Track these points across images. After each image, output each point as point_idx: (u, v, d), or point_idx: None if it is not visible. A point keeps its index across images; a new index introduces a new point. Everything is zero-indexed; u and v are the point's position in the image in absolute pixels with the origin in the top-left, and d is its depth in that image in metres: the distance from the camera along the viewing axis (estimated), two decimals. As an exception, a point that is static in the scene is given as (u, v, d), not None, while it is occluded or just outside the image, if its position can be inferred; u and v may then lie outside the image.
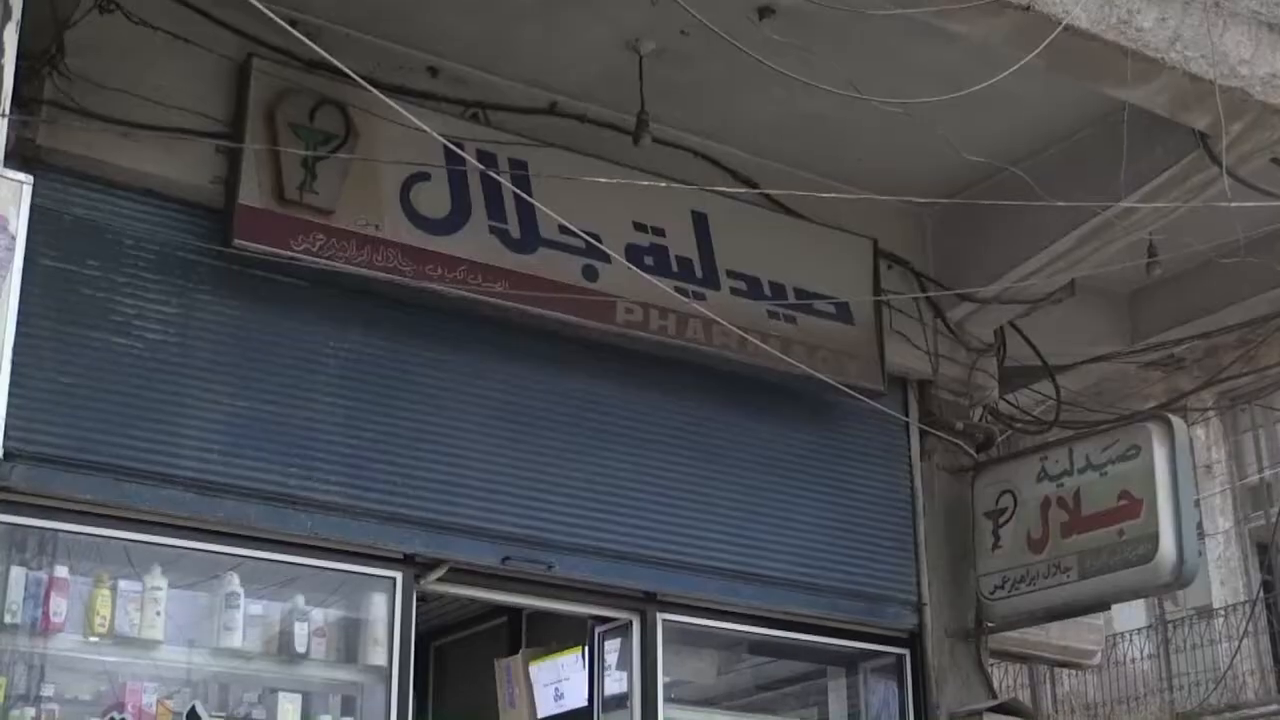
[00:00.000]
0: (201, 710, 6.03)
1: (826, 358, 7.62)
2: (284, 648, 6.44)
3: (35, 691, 5.88)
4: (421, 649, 7.35)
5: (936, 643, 7.99)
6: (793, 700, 8.99)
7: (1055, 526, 7.89)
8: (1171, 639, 17.70)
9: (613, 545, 7.09)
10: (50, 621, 5.89)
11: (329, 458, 6.47)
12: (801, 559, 7.66)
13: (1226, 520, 17.73)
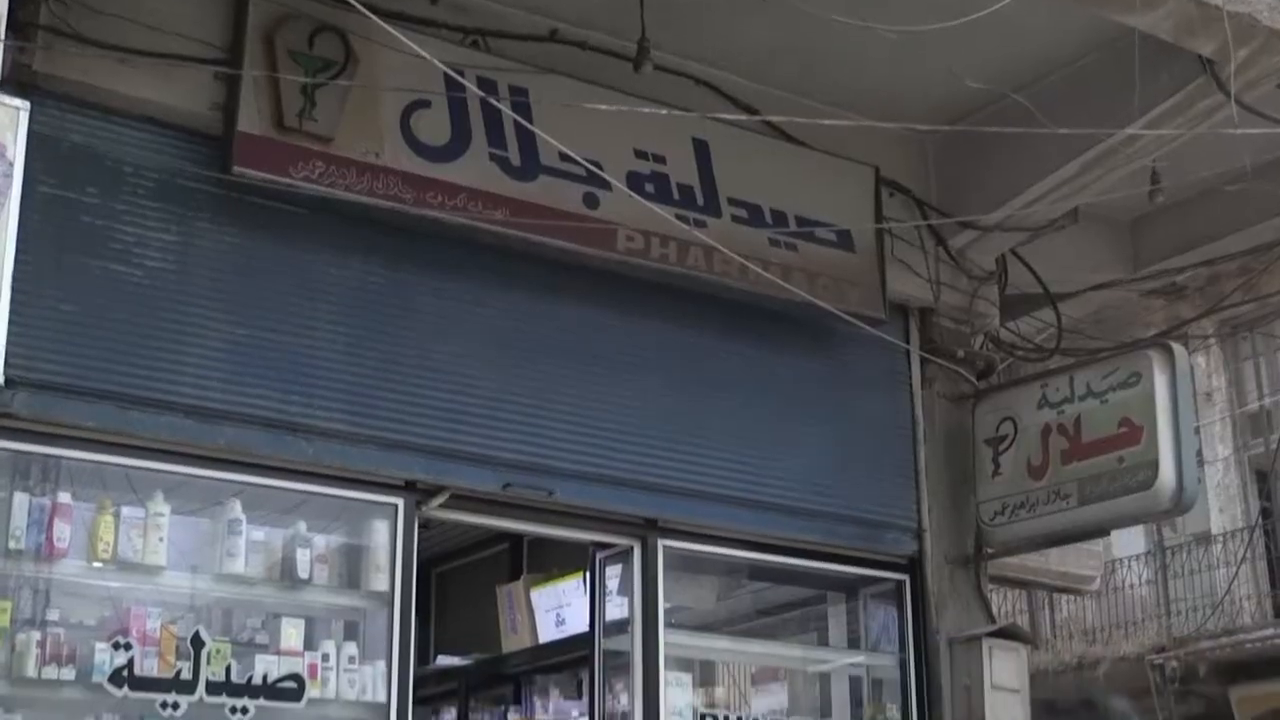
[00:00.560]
0: (205, 635, 6.08)
1: (827, 285, 7.61)
2: (286, 573, 6.47)
3: (40, 616, 5.93)
4: (423, 575, 7.40)
5: (936, 568, 8.04)
6: (793, 625, 9.06)
7: (1055, 453, 7.91)
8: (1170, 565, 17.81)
9: (613, 472, 7.12)
10: (54, 547, 5.92)
11: (330, 385, 6.48)
12: (802, 485, 7.69)
13: (1226, 447, 17.79)
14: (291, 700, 6.22)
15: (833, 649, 8.60)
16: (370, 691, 6.37)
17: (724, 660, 9.03)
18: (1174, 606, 17.46)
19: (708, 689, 7.90)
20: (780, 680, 9.52)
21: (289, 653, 6.27)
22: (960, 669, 7.84)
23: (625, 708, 7.29)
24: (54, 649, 5.79)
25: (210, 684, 6.02)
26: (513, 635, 10.16)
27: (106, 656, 5.85)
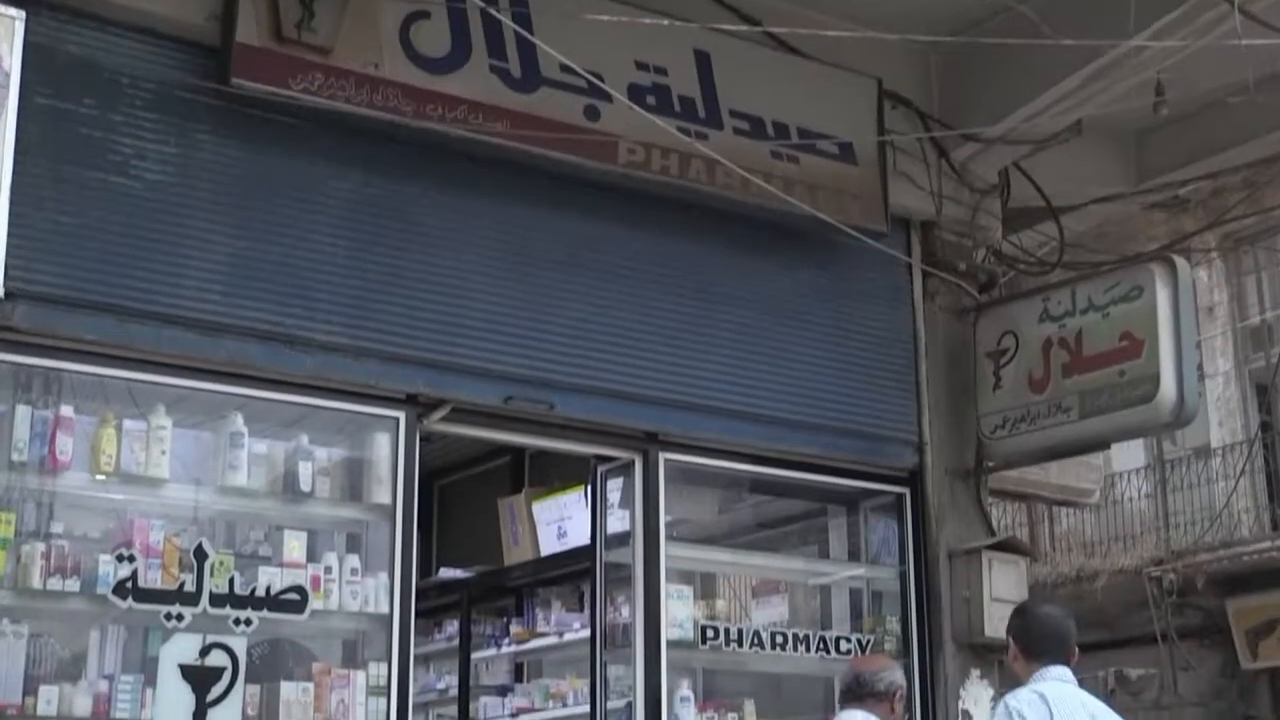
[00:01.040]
0: (208, 547, 6.11)
1: (829, 198, 7.57)
2: (289, 486, 6.50)
3: (45, 528, 5.96)
4: (425, 488, 7.43)
5: (936, 481, 8.06)
6: (793, 538, 9.10)
7: (1056, 367, 7.91)
8: (1169, 479, 17.86)
9: (614, 385, 7.12)
10: (57, 460, 5.94)
11: (330, 298, 6.47)
12: (803, 399, 7.70)
13: (1227, 361, 17.79)
14: (294, 612, 6.26)
15: (833, 562, 8.65)
16: (372, 603, 6.42)
17: (725, 573, 9.07)
18: (1172, 520, 17.53)
19: (709, 601, 7.94)
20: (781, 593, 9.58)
21: (291, 565, 6.31)
22: (960, 581, 7.89)
23: (626, 620, 7.34)
24: (58, 561, 5.83)
25: (214, 596, 6.06)
26: (514, 548, 10.23)
27: (110, 568, 5.89)
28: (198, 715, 5.92)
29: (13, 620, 5.77)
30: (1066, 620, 5.33)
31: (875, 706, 5.45)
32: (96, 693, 5.84)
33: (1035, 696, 5.05)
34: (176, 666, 5.94)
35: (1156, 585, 16.51)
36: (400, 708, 6.31)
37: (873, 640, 7.88)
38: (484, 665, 10.28)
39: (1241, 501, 16.77)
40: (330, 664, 6.45)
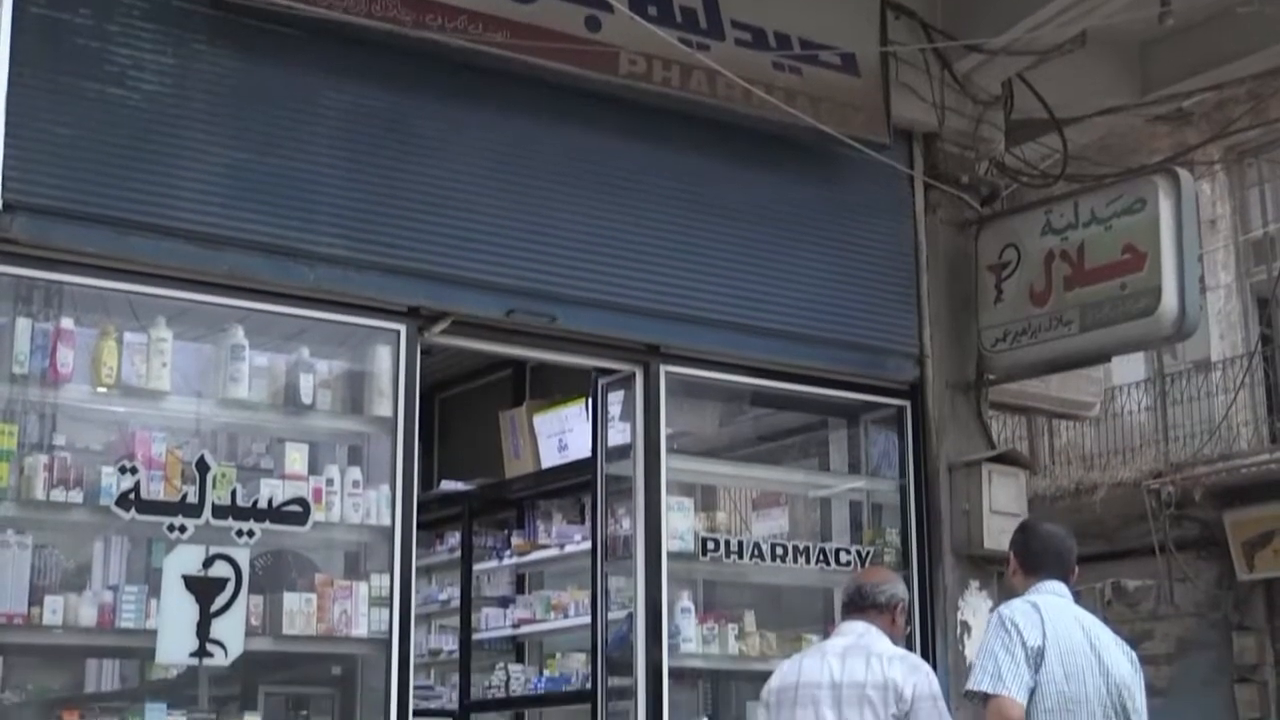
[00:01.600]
0: (210, 459, 6.12)
1: (831, 110, 7.53)
2: (290, 399, 6.50)
3: (47, 440, 5.98)
4: (426, 401, 7.44)
5: (937, 394, 8.07)
6: (794, 451, 9.13)
7: (1058, 280, 7.90)
8: (1169, 392, 17.89)
9: (616, 298, 7.11)
10: (58, 372, 5.94)
11: (330, 210, 6.44)
12: (804, 312, 7.69)
13: (1228, 274, 17.78)
14: (296, 524, 6.29)
15: (833, 474, 8.67)
16: (374, 515, 6.44)
17: (725, 485, 9.12)
18: (1172, 433, 17.58)
19: (709, 514, 7.98)
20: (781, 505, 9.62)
21: (293, 477, 6.33)
22: (960, 494, 7.91)
23: (627, 532, 7.38)
24: (61, 472, 5.85)
25: (216, 507, 6.09)
26: (515, 460, 10.26)
27: (113, 480, 5.91)
28: (201, 625, 5.96)
29: (17, 531, 5.81)
30: (1067, 539, 5.38)
31: (876, 618, 5.49)
32: (101, 603, 5.88)
33: (1028, 607, 5.11)
34: (180, 577, 5.97)
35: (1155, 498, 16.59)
36: (402, 618, 6.36)
37: (872, 552, 7.92)
38: (485, 577, 10.35)
39: (1241, 414, 16.81)
40: (332, 575, 6.50)
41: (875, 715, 5.20)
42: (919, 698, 5.20)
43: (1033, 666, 4.95)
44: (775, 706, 5.42)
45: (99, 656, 6.76)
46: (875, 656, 5.31)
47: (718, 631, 7.48)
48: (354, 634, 6.32)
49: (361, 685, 6.52)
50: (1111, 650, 5.12)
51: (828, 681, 5.30)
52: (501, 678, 9.61)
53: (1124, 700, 5.05)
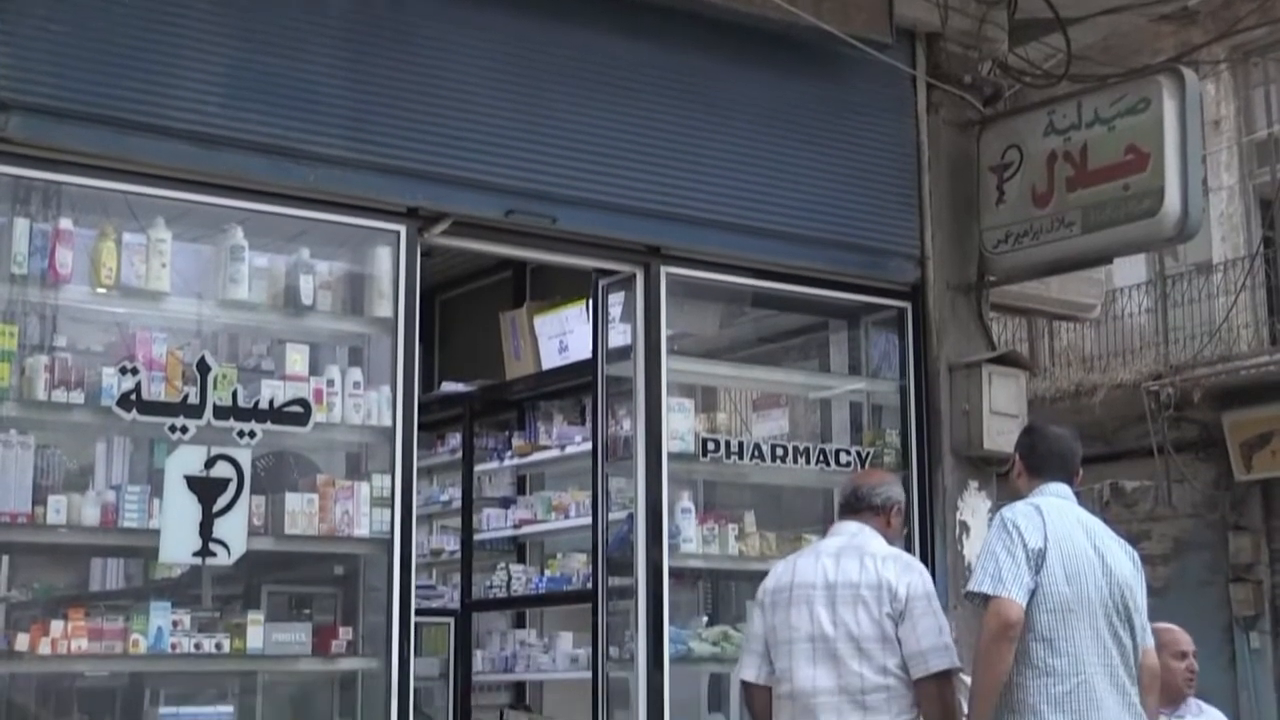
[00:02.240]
0: (211, 360, 6.12)
1: (834, 8, 7.44)
2: (290, 300, 6.49)
3: (48, 341, 5.98)
4: (427, 302, 7.43)
5: (938, 296, 8.06)
6: (794, 353, 9.13)
7: (1060, 180, 7.85)
8: (1170, 294, 17.87)
9: (616, 198, 7.07)
10: (57, 273, 5.93)
11: (330, 110, 6.39)
12: (805, 212, 7.66)
13: (1231, 176, 17.69)
14: (298, 424, 6.31)
15: (834, 375, 8.69)
16: (375, 416, 6.46)
17: (726, 386, 9.14)
18: (1172, 335, 17.58)
19: (709, 415, 8.00)
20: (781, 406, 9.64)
21: (294, 378, 6.33)
22: (960, 395, 7.93)
23: (627, 433, 7.40)
24: (62, 373, 5.85)
25: (217, 408, 6.10)
26: (516, 362, 10.26)
27: (114, 381, 5.91)
28: (204, 525, 5.99)
29: (20, 431, 5.83)
30: (1073, 441, 5.39)
31: (872, 519, 5.51)
32: (104, 503, 5.92)
33: (1031, 509, 5.12)
34: (182, 477, 6.00)
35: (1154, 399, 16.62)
36: (404, 519, 6.39)
37: (872, 453, 7.95)
38: (486, 478, 10.39)
39: (1241, 316, 16.80)
40: (334, 476, 6.53)
41: (869, 615, 5.22)
42: (913, 597, 5.22)
43: (1033, 568, 4.97)
44: (770, 607, 5.45)
45: (103, 556, 6.82)
46: (869, 557, 5.33)
47: (718, 532, 7.52)
48: (356, 534, 6.36)
49: (363, 585, 6.58)
50: (1114, 551, 5.14)
51: (822, 582, 5.32)
52: (503, 578, 9.68)
53: (1126, 600, 5.07)
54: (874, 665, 5.19)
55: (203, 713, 5.96)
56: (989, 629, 4.95)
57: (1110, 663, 4.98)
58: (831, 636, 5.23)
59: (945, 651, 5.17)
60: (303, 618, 6.54)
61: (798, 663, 5.29)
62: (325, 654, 6.31)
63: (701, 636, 7.39)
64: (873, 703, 5.17)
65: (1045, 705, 4.92)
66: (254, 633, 6.09)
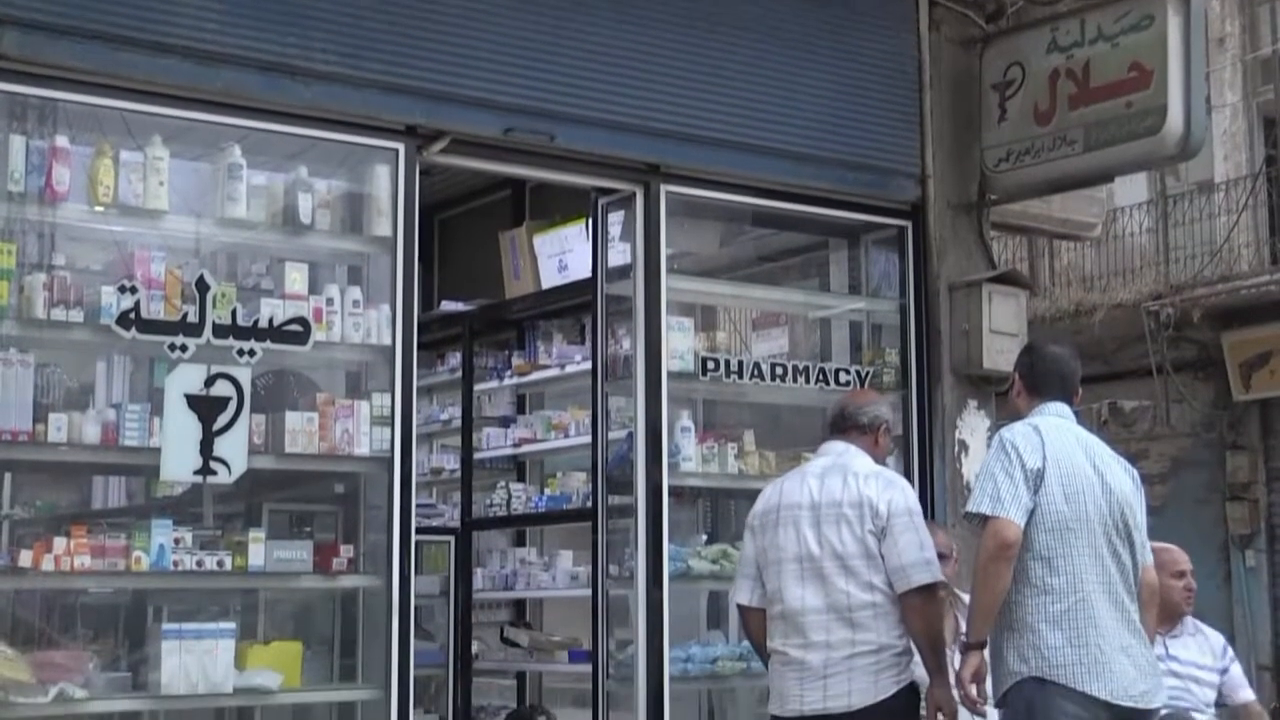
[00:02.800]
0: (210, 279, 6.11)
1: (836, -77, 7.39)
2: (289, 219, 6.47)
3: (47, 260, 5.96)
4: (426, 221, 7.42)
5: (939, 215, 8.04)
6: (794, 272, 9.13)
7: (1063, 98, 7.81)
8: (1170, 213, 17.82)
9: (616, 116, 7.03)
10: (55, 191, 5.90)
11: (328, 26, 6.34)
12: (806, 130, 7.62)
13: (1235, 94, 17.58)
14: (297, 343, 6.30)
15: (834, 294, 8.69)
16: (375, 335, 6.45)
17: (725, 305, 9.14)
18: (1173, 254, 17.54)
19: (709, 334, 8.00)
20: (781, 325, 9.65)
21: (293, 297, 6.32)
22: (960, 314, 7.92)
23: (627, 352, 7.40)
24: (61, 292, 5.84)
25: (217, 327, 6.09)
26: (515, 281, 10.25)
27: (113, 299, 5.90)
28: (204, 444, 6.01)
29: (19, 350, 5.82)
30: (1072, 361, 5.38)
31: (858, 439, 5.52)
32: (104, 421, 5.92)
33: (1029, 429, 5.13)
34: (182, 396, 6.00)
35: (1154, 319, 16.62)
36: (404, 437, 6.40)
37: (871, 372, 7.95)
38: (486, 397, 10.41)
39: (1242, 236, 16.77)
40: (334, 394, 6.53)
41: (853, 533, 5.25)
42: (894, 514, 5.25)
43: (1032, 488, 4.99)
44: (759, 530, 5.49)
45: (104, 474, 6.84)
46: (853, 475, 5.35)
47: (717, 450, 7.54)
48: (356, 452, 6.37)
49: (364, 503, 6.60)
50: (1113, 469, 5.15)
51: (807, 502, 5.35)
52: (503, 496, 9.72)
53: (1126, 518, 5.09)
54: (860, 582, 5.22)
55: (205, 629, 5.99)
56: (986, 549, 4.97)
57: (1109, 581, 5.00)
58: (818, 556, 5.27)
59: (927, 566, 5.20)
60: (304, 536, 6.57)
61: (787, 583, 5.32)
62: (326, 571, 6.34)
63: (700, 554, 7.43)
64: (860, 619, 5.21)
65: (1043, 623, 4.95)
66: (255, 550, 6.12)
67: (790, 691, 5.28)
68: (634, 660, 7.00)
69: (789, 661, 5.29)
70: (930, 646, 5.26)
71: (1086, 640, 4.92)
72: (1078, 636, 4.92)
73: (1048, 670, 4.91)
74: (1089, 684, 4.89)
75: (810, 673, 5.23)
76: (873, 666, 5.19)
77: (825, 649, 5.21)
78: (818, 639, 5.22)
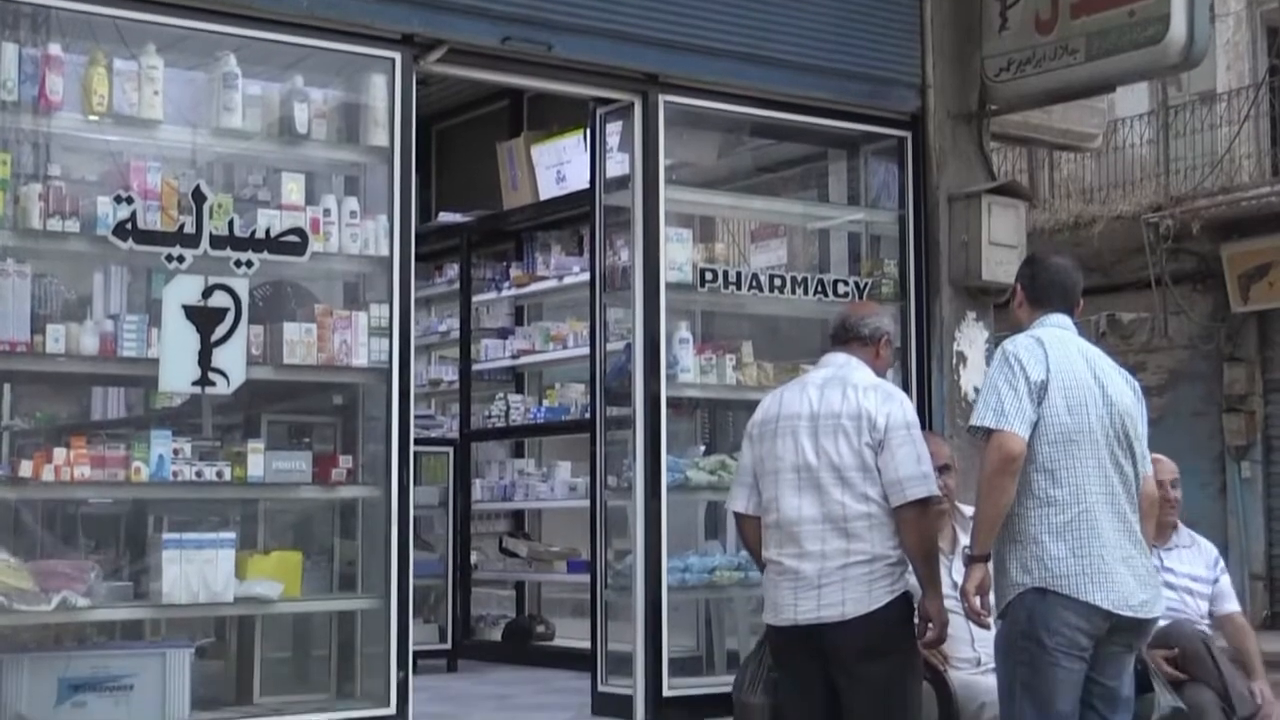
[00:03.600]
0: (206, 189, 6.08)
1: None
2: (285, 129, 6.43)
3: (42, 170, 5.93)
4: (423, 132, 7.37)
5: (939, 125, 7.99)
6: (793, 182, 9.10)
7: (1064, 7, 7.73)
8: (1172, 124, 17.73)
9: (614, 25, 6.96)
10: (49, 100, 5.86)
11: (322, -67, 6.28)
12: (806, 40, 7.55)
13: (1239, 2, 17.44)
14: (295, 254, 6.28)
15: (833, 205, 8.66)
16: (372, 246, 6.43)
17: (724, 217, 9.11)
18: (1174, 166, 17.47)
19: (707, 245, 7.99)
20: (780, 237, 9.63)
21: (290, 207, 6.30)
22: (959, 225, 7.90)
23: (625, 263, 7.39)
24: (57, 202, 5.82)
25: (213, 238, 6.07)
26: (513, 192, 10.22)
27: (109, 210, 5.88)
28: (202, 354, 6.00)
29: (16, 260, 5.81)
30: (1074, 272, 5.35)
31: (859, 351, 5.50)
32: (102, 332, 5.92)
33: (1032, 341, 5.11)
34: (180, 307, 5.99)
35: (1153, 231, 16.59)
36: (402, 348, 6.40)
37: (870, 284, 7.94)
38: (484, 309, 10.41)
39: (1244, 147, 16.70)
40: (332, 306, 6.52)
41: (850, 445, 5.25)
42: (892, 427, 5.24)
43: (1035, 400, 4.97)
44: (757, 439, 5.49)
45: (103, 385, 6.86)
46: (852, 387, 5.34)
47: (715, 362, 7.55)
48: (354, 363, 6.37)
49: (363, 414, 6.61)
50: (1115, 380, 5.14)
51: (806, 413, 5.35)
52: (501, 408, 9.75)
53: (1127, 429, 5.09)
54: (856, 494, 5.23)
55: (205, 539, 6.02)
56: (991, 462, 4.96)
57: (1112, 492, 5.01)
58: (815, 466, 5.27)
59: (923, 480, 5.21)
60: (302, 446, 6.58)
61: (783, 492, 5.34)
62: (325, 482, 6.37)
63: (698, 465, 7.46)
64: (855, 530, 5.22)
65: (1046, 535, 4.95)
66: (254, 461, 6.14)
67: (784, 601, 5.31)
68: (632, 570, 7.05)
69: (784, 571, 5.31)
70: (924, 559, 5.28)
71: (1089, 551, 4.93)
72: (1080, 547, 4.93)
73: (1050, 581, 4.93)
74: (1091, 594, 4.91)
75: (805, 582, 5.25)
76: (867, 576, 5.21)
77: (820, 559, 5.23)
78: (813, 549, 5.24)
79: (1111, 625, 4.96)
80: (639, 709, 6.86)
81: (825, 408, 5.32)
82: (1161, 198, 16.90)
